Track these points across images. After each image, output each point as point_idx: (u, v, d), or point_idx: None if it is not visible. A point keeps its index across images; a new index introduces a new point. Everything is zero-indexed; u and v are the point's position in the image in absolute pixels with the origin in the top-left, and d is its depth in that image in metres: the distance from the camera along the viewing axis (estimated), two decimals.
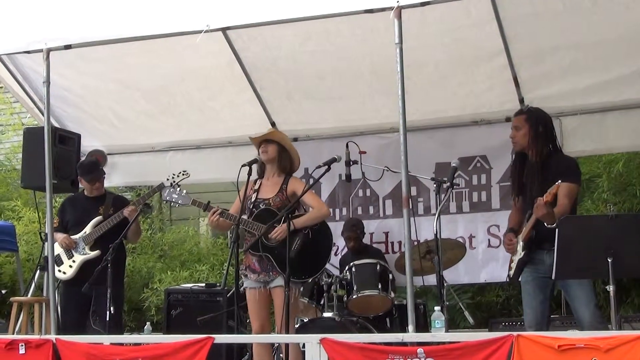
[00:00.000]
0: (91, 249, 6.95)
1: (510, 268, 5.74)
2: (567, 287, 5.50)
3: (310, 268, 5.96)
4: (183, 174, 6.68)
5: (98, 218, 7.01)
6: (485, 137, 7.71)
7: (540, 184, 5.41)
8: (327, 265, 6.85)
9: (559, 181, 5.16)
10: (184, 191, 6.33)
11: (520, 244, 5.58)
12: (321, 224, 6.04)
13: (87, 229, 7.00)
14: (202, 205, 6.15)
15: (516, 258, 5.62)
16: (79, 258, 6.96)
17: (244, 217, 5.93)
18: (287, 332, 5.56)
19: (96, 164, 7.35)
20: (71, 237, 6.99)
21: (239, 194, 6.10)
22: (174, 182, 6.62)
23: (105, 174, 7.41)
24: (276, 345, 6.33)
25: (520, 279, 5.68)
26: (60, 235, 6.95)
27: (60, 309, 6.98)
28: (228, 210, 6.05)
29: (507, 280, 5.86)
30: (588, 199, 8.86)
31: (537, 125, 5.71)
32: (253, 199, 6.03)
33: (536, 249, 5.53)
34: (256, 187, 6.09)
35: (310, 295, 6.85)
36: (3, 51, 6.85)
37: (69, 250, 6.98)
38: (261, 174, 6.20)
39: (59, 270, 6.92)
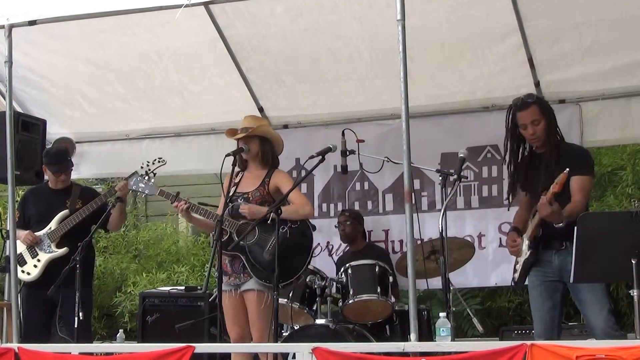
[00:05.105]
0: (57, 246, 6.93)
1: (515, 271, 5.74)
2: (576, 291, 5.49)
3: (286, 272, 5.84)
4: (159, 162, 6.65)
5: (64, 212, 7.00)
6: (496, 124, 7.60)
7: (551, 176, 5.37)
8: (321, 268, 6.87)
9: (567, 169, 5.16)
10: (152, 180, 6.31)
11: (526, 242, 5.58)
12: (302, 222, 6.03)
13: (52, 224, 6.98)
14: (171, 196, 6.14)
15: (521, 259, 5.62)
16: (44, 257, 6.94)
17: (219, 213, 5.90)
18: (275, 340, 5.55)
19: (64, 153, 7.33)
20: (35, 233, 6.98)
21: (222, 188, 6.08)
22: (149, 170, 6.59)
23: (73, 165, 7.39)
24: None
25: (526, 283, 5.67)
26: (22, 232, 6.91)
27: (23, 315, 6.97)
28: (206, 205, 6.03)
29: (513, 284, 5.87)
30: (610, 194, 8.88)
31: (551, 114, 5.74)
32: (231, 193, 6.02)
33: (544, 249, 5.54)
34: (237, 180, 6.08)
35: (301, 300, 6.83)
36: None
37: (33, 248, 6.95)
38: (243, 167, 6.18)
39: (22, 271, 6.89)
